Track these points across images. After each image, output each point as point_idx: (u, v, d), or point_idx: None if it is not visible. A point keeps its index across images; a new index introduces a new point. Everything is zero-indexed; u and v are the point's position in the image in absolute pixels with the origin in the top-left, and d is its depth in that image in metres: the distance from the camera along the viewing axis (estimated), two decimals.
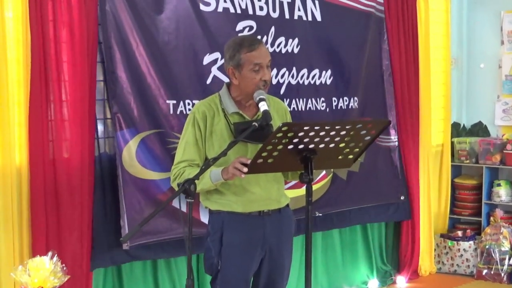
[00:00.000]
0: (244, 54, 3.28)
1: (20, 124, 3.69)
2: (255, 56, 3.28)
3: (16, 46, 3.66)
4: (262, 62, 3.29)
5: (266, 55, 3.33)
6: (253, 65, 3.27)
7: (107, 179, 4.05)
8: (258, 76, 3.28)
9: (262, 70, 3.29)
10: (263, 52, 3.32)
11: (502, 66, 6.46)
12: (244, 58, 3.28)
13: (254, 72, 3.28)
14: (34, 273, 3.12)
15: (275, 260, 3.42)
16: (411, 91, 5.83)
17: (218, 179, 3.20)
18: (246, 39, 3.38)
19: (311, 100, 5.05)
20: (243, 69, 3.29)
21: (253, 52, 3.28)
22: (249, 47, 3.29)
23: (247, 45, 3.29)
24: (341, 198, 5.32)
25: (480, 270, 5.97)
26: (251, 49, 3.28)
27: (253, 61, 3.27)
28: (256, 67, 3.28)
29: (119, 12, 4.03)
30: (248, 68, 3.28)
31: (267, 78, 3.30)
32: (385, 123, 3.21)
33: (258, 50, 3.30)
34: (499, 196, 6.20)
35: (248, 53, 3.28)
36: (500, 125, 6.51)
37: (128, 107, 4.08)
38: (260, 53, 3.29)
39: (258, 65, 3.28)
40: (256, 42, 3.34)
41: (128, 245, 4.03)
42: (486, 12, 6.58)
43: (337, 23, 5.24)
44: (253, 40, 3.36)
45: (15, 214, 3.66)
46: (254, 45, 3.30)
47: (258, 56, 3.29)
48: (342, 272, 5.60)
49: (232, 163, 3.11)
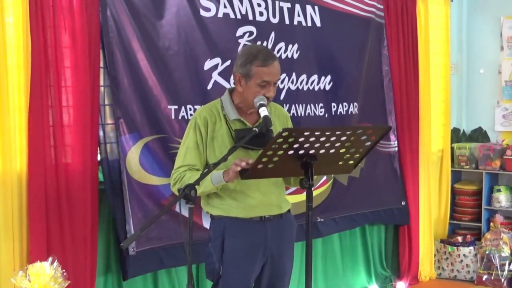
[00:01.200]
0: (256, 67, 3.27)
1: (21, 130, 3.67)
2: (266, 72, 3.27)
3: (16, 51, 3.65)
4: (270, 80, 3.28)
5: (277, 73, 3.32)
6: (261, 80, 3.27)
7: (110, 184, 4.04)
8: (263, 91, 3.27)
9: (268, 87, 3.29)
10: (275, 70, 3.30)
11: (502, 71, 6.47)
12: (254, 70, 3.27)
13: (260, 86, 3.27)
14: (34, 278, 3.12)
15: (276, 266, 3.42)
16: (411, 96, 5.83)
17: (220, 181, 3.20)
18: (262, 52, 3.33)
19: (310, 105, 5.05)
20: (250, 80, 3.28)
21: (265, 68, 3.27)
22: (263, 62, 3.27)
23: (261, 59, 3.27)
24: (342, 204, 5.33)
25: (480, 275, 5.96)
26: (264, 64, 3.27)
27: (263, 77, 3.26)
28: (264, 83, 3.27)
29: (121, 17, 4.03)
30: (256, 81, 3.27)
31: (270, 95, 3.30)
32: (386, 129, 3.22)
33: (271, 67, 3.28)
34: (499, 202, 6.20)
35: (260, 68, 3.27)
36: (500, 131, 6.52)
37: (131, 112, 4.08)
38: (271, 71, 3.28)
39: (266, 82, 3.27)
40: (271, 58, 3.31)
41: (134, 250, 4.03)
42: (486, 18, 6.59)
43: (337, 28, 5.25)
44: (268, 56, 3.32)
45: (16, 220, 3.65)
46: (268, 61, 3.28)
47: (269, 73, 3.28)
48: (342, 278, 5.60)
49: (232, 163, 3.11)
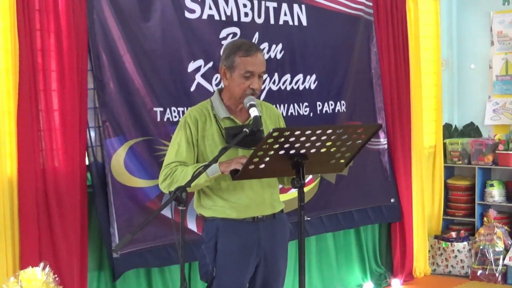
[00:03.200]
0: (239, 57, 3.26)
1: (11, 134, 3.67)
2: (249, 62, 3.26)
3: (4, 55, 3.64)
4: (254, 71, 3.27)
5: (260, 64, 3.30)
6: (245, 71, 3.26)
7: (99, 187, 4.03)
8: (247, 83, 3.26)
9: (252, 78, 3.27)
10: (258, 61, 3.29)
11: (493, 66, 6.47)
12: (237, 61, 3.26)
13: (244, 77, 3.26)
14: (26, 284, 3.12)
15: (270, 266, 3.41)
16: (402, 93, 5.83)
17: (215, 172, 3.17)
18: (245, 43, 3.35)
19: (293, 105, 5.02)
20: (234, 71, 3.27)
21: (248, 58, 3.26)
22: (246, 52, 3.27)
23: (244, 50, 3.27)
24: (330, 202, 5.31)
25: (475, 270, 5.97)
26: (246, 54, 3.26)
27: (246, 67, 3.25)
28: (248, 74, 3.26)
29: (107, 20, 4.02)
30: (240, 72, 3.26)
31: (255, 87, 3.28)
32: (376, 127, 3.20)
33: (254, 57, 3.27)
34: (492, 197, 6.20)
35: (243, 58, 3.26)
36: (491, 125, 6.52)
37: (116, 115, 4.07)
38: (254, 61, 3.27)
39: (249, 73, 3.26)
40: (253, 48, 3.31)
41: (118, 254, 4.02)
42: (476, 13, 6.59)
43: (324, 27, 5.22)
44: (251, 46, 3.32)
45: (7, 225, 3.63)
46: (251, 51, 3.28)
47: (252, 63, 3.26)
48: (337, 276, 5.59)
49: (237, 158, 3.10)
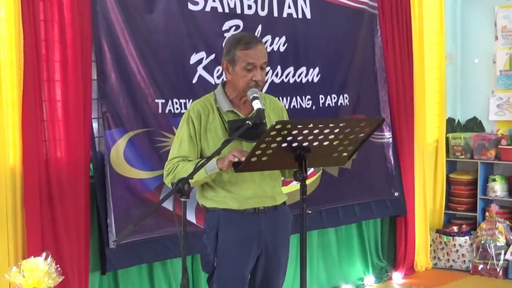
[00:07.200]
0: (240, 51, 3.27)
1: (14, 125, 3.68)
2: (249, 54, 3.27)
3: (8, 46, 3.64)
4: (255, 62, 3.27)
5: (261, 55, 3.30)
6: (246, 63, 3.26)
7: (99, 178, 4.04)
8: (250, 75, 3.27)
9: (254, 70, 3.27)
10: (259, 53, 3.30)
11: (496, 61, 6.45)
12: (238, 54, 3.27)
13: (246, 70, 3.27)
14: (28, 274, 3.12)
15: (271, 258, 3.42)
16: (405, 87, 5.83)
17: (213, 169, 3.19)
18: (245, 36, 3.36)
19: (295, 98, 5.02)
20: (236, 65, 3.28)
21: (248, 50, 3.27)
22: (246, 45, 3.27)
23: (244, 43, 3.28)
24: (332, 195, 5.30)
25: (476, 265, 5.98)
26: (247, 47, 3.27)
27: (247, 60, 3.26)
28: (249, 66, 3.26)
29: (110, 11, 4.03)
30: (241, 65, 3.27)
31: (258, 78, 3.28)
32: (379, 121, 3.21)
33: (254, 50, 3.28)
34: (494, 191, 6.20)
35: (244, 51, 3.27)
36: (494, 120, 6.52)
37: (117, 106, 4.08)
38: (255, 53, 3.28)
39: (251, 65, 3.26)
40: (254, 41, 3.32)
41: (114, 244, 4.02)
42: (480, 7, 6.57)
43: (327, 20, 5.22)
44: (251, 39, 3.33)
45: (10, 215, 3.65)
46: (251, 44, 3.28)
47: (253, 56, 3.27)
48: (339, 269, 5.60)
49: (232, 151, 3.11)
